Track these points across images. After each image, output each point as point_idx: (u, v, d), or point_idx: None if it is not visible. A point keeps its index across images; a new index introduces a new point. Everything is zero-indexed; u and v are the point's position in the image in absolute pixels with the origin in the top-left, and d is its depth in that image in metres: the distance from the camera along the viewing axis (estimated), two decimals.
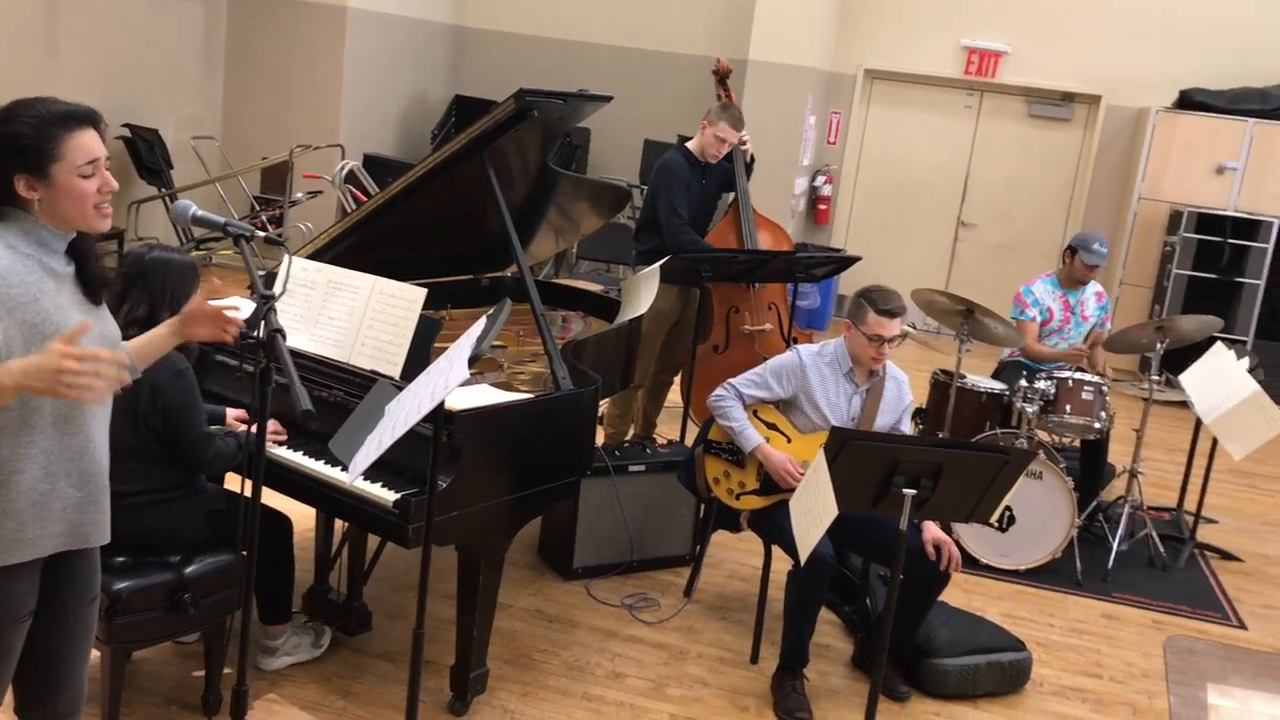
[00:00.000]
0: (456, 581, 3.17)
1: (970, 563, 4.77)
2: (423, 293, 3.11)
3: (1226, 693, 2.66)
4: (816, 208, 9.56)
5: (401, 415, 2.35)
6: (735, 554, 4.58)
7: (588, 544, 4.22)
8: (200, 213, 2.40)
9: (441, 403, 2.44)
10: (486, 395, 3.18)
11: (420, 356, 3.05)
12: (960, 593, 4.48)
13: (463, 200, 3.81)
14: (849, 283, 8.16)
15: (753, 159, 5.45)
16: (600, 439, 5.25)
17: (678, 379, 5.48)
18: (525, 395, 3.26)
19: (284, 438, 3.17)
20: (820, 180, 9.48)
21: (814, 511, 3.06)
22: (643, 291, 4.26)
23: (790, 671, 3.54)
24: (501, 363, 3.78)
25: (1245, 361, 5.18)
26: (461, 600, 3.17)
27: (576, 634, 3.83)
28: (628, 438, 5.32)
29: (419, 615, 2.68)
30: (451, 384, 2.35)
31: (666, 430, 5.55)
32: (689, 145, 5.23)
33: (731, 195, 5.49)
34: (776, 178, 8.50)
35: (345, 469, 2.56)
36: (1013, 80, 9.17)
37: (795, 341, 5.01)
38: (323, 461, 3.06)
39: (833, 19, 9.22)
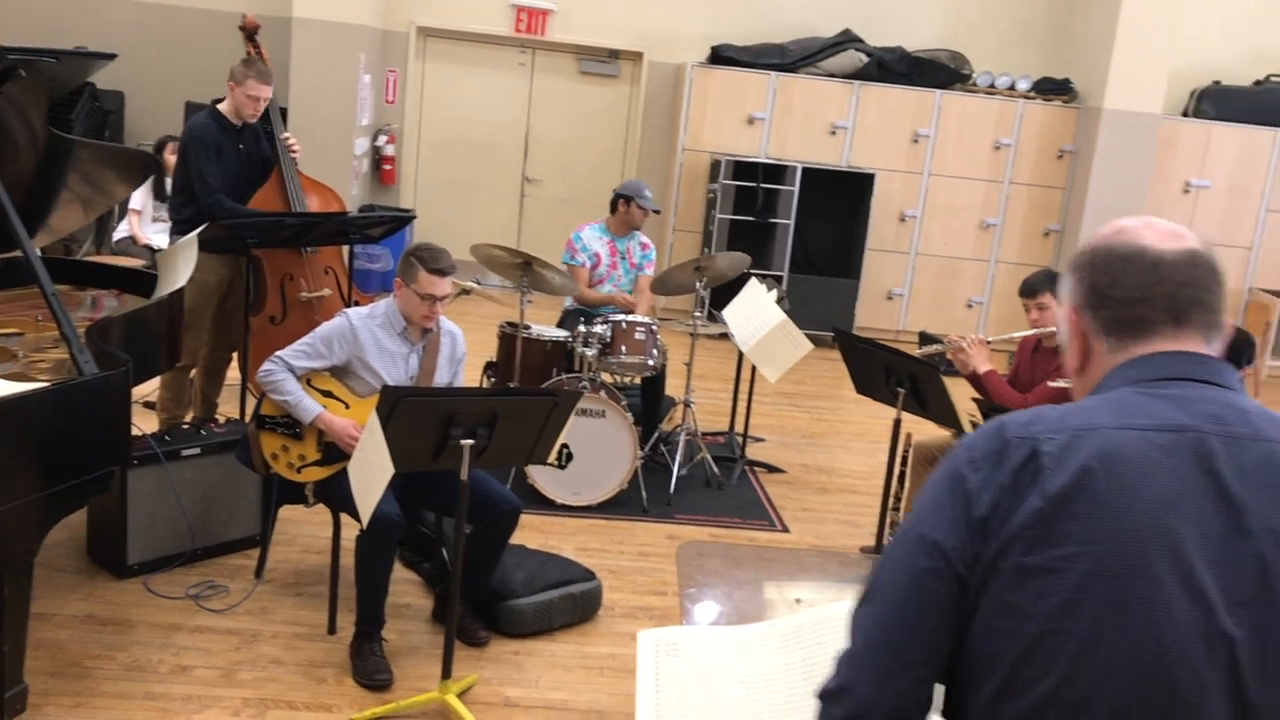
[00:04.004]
0: None
1: (545, 504, 4.96)
2: None
3: (733, 584, 2.99)
4: (381, 168, 9.42)
5: None
6: (309, 528, 4.46)
7: (143, 537, 3.94)
8: None
9: None
10: None
11: None
12: (537, 533, 4.65)
13: None
14: (422, 240, 8.12)
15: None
16: (155, 424, 4.93)
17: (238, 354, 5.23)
18: (40, 385, 2.97)
19: None
20: (382, 140, 9.34)
21: (371, 473, 3.05)
22: (180, 263, 4.01)
23: (368, 635, 3.52)
24: (16, 351, 3.42)
25: (774, 294, 5.72)
26: None
27: (135, 633, 3.58)
28: (186, 420, 5.01)
29: None
30: None
31: (230, 409, 5.29)
32: (222, 107, 4.96)
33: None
34: (334, 139, 8.28)
35: None
36: (562, 38, 9.47)
37: (358, 305, 4.94)
38: None
39: None
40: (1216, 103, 9.42)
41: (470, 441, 3.15)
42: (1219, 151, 9.37)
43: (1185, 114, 9.58)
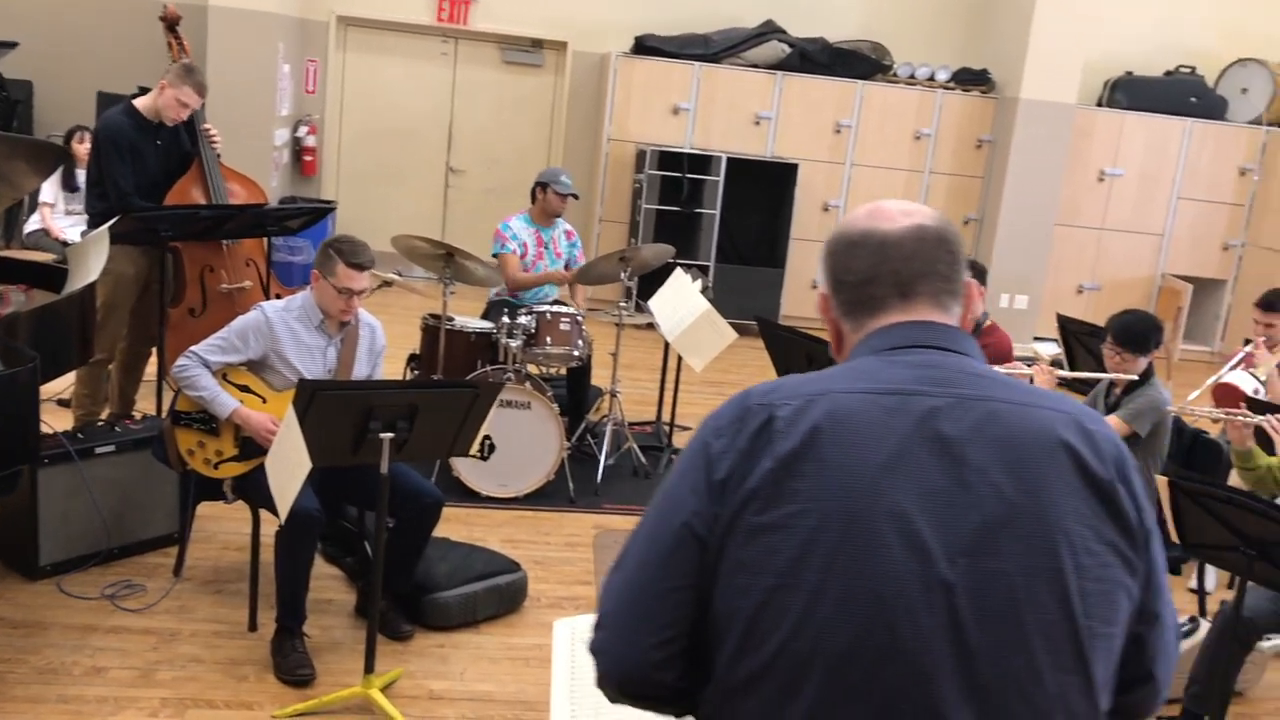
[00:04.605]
0: None
1: (470, 497, 4.94)
2: None
3: None
4: (302, 159, 9.28)
5: None
6: (229, 524, 4.39)
7: (56, 538, 3.85)
8: None
9: None
10: None
11: None
12: (463, 526, 4.63)
13: None
14: (345, 232, 8.00)
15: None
16: (71, 422, 4.83)
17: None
18: None
19: None
20: (303, 130, 9.20)
21: (289, 468, 3.02)
22: (91, 256, 3.92)
23: (289, 631, 3.48)
24: None
25: (699, 284, 5.76)
26: None
27: (48, 635, 3.51)
28: (102, 418, 4.91)
29: None
30: None
31: (148, 405, 5.19)
32: (139, 103, 4.85)
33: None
34: (253, 130, 8.12)
35: None
36: (484, 27, 9.41)
37: (279, 297, 4.87)
38: None
39: None
40: (1129, 93, 9.64)
41: (389, 435, 3.13)
42: (1131, 140, 9.60)
43: (1099, 104, 9.80)
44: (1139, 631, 1.41)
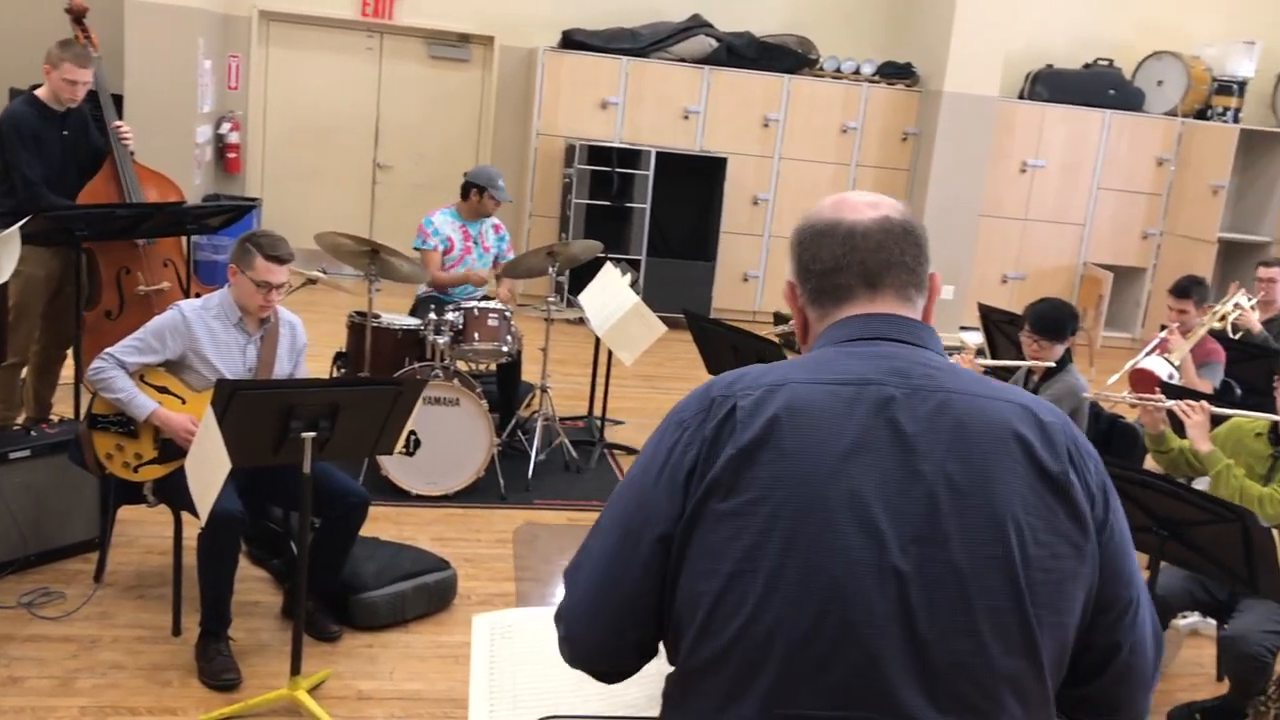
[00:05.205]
0: None
1: (399, 495, 4.91)
2: None
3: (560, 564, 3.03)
4: (226, 156, 9.13)
5: None
6: (152, 528, 4.30)
7: None
8: None
9: None
10: None
11: None
12: (392, 525, 4.60)
13: None
14: (272, 229, 7.87)
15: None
16: None
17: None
18: None
19: None
20: (226, 127, 9.04)
21: (209, 469, 2.97)
22: (2, 257, 3.83)
23: (214, 635, 3.43)
24: None
25: (628, 278, 5.77)
26: None
27: None
28: (17, 422, 4.80)
29: None
30: None
31: (65, 409, 5.07)
32: (41, 93, 4.75)
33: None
34: (174, 127, 7.97)
35: None
36: (410, 22, 9.32)
37: (199, 297, 4.79)
38: None
39: None
40: (1050, 85, 9.82)
41: (311, 434, 3.10)
42: (1053, 132, 9.79)
43: (1021, 96, 9.96)
44: (1096, 620, 1.43)
